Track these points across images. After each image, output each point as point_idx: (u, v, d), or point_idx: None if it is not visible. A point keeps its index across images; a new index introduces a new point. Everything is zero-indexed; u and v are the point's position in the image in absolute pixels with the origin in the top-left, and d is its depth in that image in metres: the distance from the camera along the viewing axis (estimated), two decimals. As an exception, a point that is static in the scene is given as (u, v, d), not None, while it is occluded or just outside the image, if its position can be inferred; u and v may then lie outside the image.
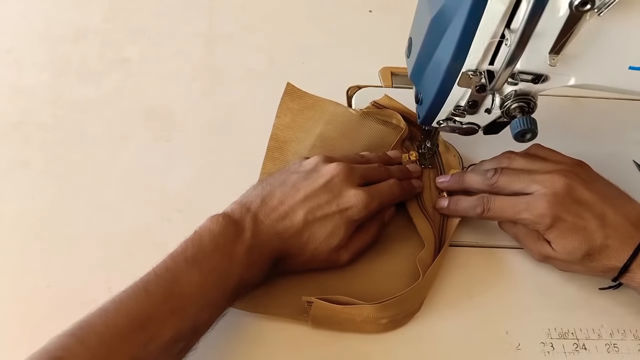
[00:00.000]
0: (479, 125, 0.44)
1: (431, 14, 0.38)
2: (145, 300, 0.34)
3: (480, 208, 0.44)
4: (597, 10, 0.32)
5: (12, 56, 0.59)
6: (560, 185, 0.41)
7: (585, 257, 0.41)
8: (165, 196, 0.49)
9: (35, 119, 0.54)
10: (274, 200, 0.41)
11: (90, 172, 0.50)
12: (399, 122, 0.52)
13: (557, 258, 0.42)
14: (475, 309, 0.44)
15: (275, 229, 0.40)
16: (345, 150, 0.51)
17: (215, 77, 0.59)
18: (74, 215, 0.47)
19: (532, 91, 0.39)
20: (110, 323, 0.33)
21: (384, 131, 0.53)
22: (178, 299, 0.35)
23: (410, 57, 0.44)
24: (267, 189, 0.41)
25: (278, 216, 0.40)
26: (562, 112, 0.58)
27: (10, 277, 0.43)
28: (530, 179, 0.43)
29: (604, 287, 0.45)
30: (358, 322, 0.41)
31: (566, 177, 0.42)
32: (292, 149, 0.51)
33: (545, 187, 0.42)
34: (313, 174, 0.42)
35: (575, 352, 0.42)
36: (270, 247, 0.39)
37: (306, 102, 0.53)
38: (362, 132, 0.52)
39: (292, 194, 0.41)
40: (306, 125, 0.52)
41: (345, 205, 0.41)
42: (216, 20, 0.65)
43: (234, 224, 0.38)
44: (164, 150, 0.52)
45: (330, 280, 0.44)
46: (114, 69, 0.59)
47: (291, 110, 0.53)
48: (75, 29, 0.62)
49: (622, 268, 0.40)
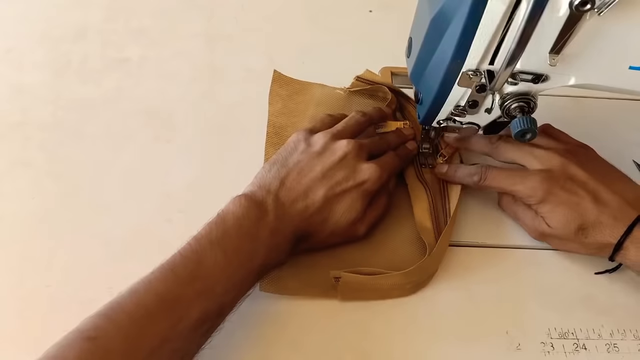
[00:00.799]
0: (479, 125, 0.44)
1: (431, 14, 0.38)
2: (173, 282, 0.35)
3: (477, 176, 0.46)
4: (597, 10, 0.32)
5: (12, 56, 0.59)
6: (556, 163, 0.43)
7: (579, 232, 0.42)
8: (166, 196, 0.49)
9: (35, 119, 0.54)
10: (292, 181, 0.42)
11: (90, 172, 0.50)
12: (386, 94, 0.54)
13: (552, 234, 0.44)
14: (475, 309, 0.44)
15: (297, 208, 0.41)
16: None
17: (215, 77, 0.59)
18: (74, 215, 0.47)
19: (532, 91, 0.39)
20: (140, 303, 0.34)
21: (372, 104, 0.55)
22: (204, 280, 0.36)
23: (410, 57, 0.44)
24: (284, 171, 0.42)
25: (298, 195, 0.41)
26: (562, 112, 0.58)
27: (10, 277, 0.43)
28: (530, 152, 0.45)
29: (600, 271, 0.45)
30: (385, 289, 0.43)
31: (564, 156, 0.44)
32: (289, 133, 0.52)
33: (542, 163, 0.44)
34: (326, 152, 0.44)
35: (575, 352, 0.42)
36: (292, 227, 0.41)
37: (294, 88, 0.56)
38: (352, 108, 0.55)
39: (309, 173, 0.42)
40: (297, 109, 0.54)
41: (361, 179, 0.43)
42: (216, 20, 0.65)
43: (257, 206, 0.39)
44: (164, 150, 0.52)
45: (351, 255, 0.46)
46: (114, 69, 0.59)
47: (281, 97, 0.55)
48: (75, 29, 0.62)
49: (617, 244, 0.41)
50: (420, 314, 0.44)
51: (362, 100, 0.56)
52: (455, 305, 0.44)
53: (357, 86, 0.55)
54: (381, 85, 0.54)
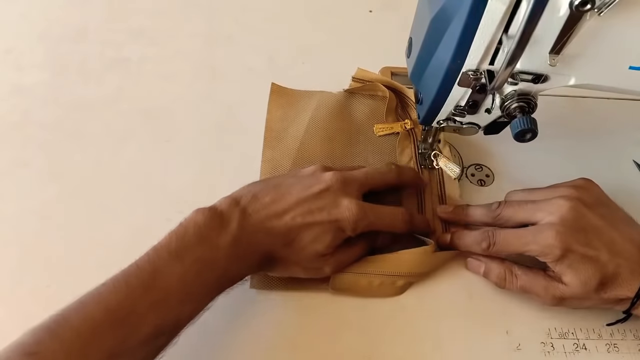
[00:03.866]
0: (479, 125, 0.44)
1: (431, 14, 0.38)
2: (125, 294, 0.33)
3: (485, 242, 0.43)
4: (597, 10, 0.32)
5: (12, 56, 0.59)
6: (566, 210, 0.40)
7: (599, 287, 0.39)
8: (165, 196, 0.49)
9: (35, 119, 0.54)
10: (266, 198, 0.40)
11: (90, 172, 0.50)
12: (384, 93, 0.54)
13: (571, 295, 0.40)
14: (475, 309, 0.44)
15: (263, 224, 0.39)
16: (337, 128, 0.53)
17: (215, 77, 0.59)
18: (74, 215, 0.47)
19: (532, 91, 0.39)
20: (87, 317, 0.32)
21: (372, 104, 0.55)
22: (158, 291, 0.34)
23: (410, 57, 0.44)
24: (260, 187, 0.41)
25: (267, 214, 0.39)
26: (562, 112, 0.58)
27: (10, 277, 0.43)
28: (534, 207, 0.42)
29: (611, 322, 0.43)
30: (375, 286, 0.43)
31: (570, 201, 0.40)
32: (289, 135, 0.52)
33: (551, 213, 0.40)
34: (310, 179, 0.42)
35: (575, 352, 0.42)
36: (257, 241, 0.38)
37: (294, 97, 0.55)
38: (352, 108, 0.55)
39: (286, 196, 0.40)
40: (297, 117, 0.54)
41: (335, 216, 0.40)
42: (216, 20, 0.65)
43: (220, 216, 0.38)
44: (164, 150, 0.52)
45: None
46: (114, 69, 0.59)
47: (281, 105, 0.54)
48: (75, 29, 0.62)
49: (635, 297, 0.39)
50: (421, 314, 0.43)
51: (362, 100, 0.55)
52: (455, 305, 0.44)
53: (355, 87, 0.55)
54: (376, 84, 0.54)
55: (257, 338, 0.41)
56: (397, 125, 0.53)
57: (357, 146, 0.52)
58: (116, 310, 0.32)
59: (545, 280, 0.41)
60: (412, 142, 0.53)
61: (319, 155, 0.50)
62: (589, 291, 0.39)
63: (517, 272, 0.43)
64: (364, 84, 0.55)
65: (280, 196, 0.40)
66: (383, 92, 0.55)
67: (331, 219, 0.40)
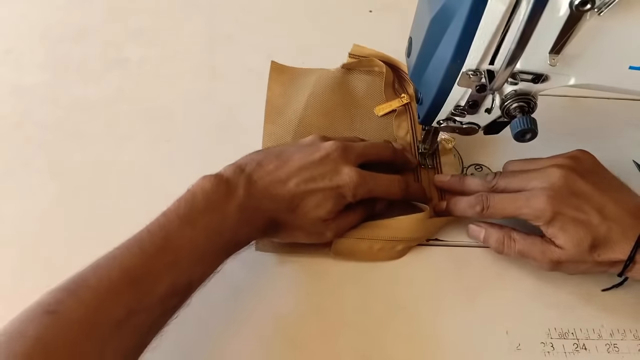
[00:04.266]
0: (479, 125, 0.44)
1: (431, 14, 0.38)
2: (139, 256, 0.34)
3: (479, 206, 0.44)
4: (597, 10, 0.32)
5: (12, 56, 0.59)
6: (557, 177, 0.42)
7: (592, 249, 0.40)
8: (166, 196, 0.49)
9: (35, 119, 0.54)
10: (270, 165, 0.41)
11: (91, 172, 0.50)
12: (381, 68, 0.56)
13: (567, 259, 0.41)
14: (475, 309, 0.44)
15: (268, 190, 0.40)
16: (336, 103, 0.54)
17: (215, 77, 0.59)
18: (74, 215, 0.47)
19: (532, 91, 0.39)
20: (104, 277, 0.33)
21: (369, 80, 0.57)
22: (172, 253, 0.35)
23: (410, 57, 0.44)
24: (263, 155, 0.42)
25: (271, 180, 0.41)
26: (562, 112, 0.58)
27: (10, 277, 0.43)
28: (528, 177, 0.43)
29: (607, 287, 0.45)
30: (376, 250, 0.45)
31: (562, 169, 0.42)
32: (289, 110, 0.54)
33: (543, 181, 0.42)
34: (311, 147, 0.43)
35: (575, 352, 0.42)
36: (263, 207, 0.40)
37: (293, 74, 0.57)
38: (350, 84, 0.56)
39: (288, 163, 0.42)
40: (297, 93, 0.55)
41: (337, 182, 0.41)
42: (216, 20, 0.65)
43: (226, 183, 0.39)
44: (164, 150, 0.52)
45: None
46: (114, 69, 0.59)
47: (281, 82, 0.56)
48: (75, 29, 0.62)
49: (627, 260, 0.40)
50: (420, 314, 0.44)
51: (359, 76, 0.57)
52: (455, 305, 0.44)
53: (352, 63, 0.57)
54: (373, 59, 0.56)
55: (256, 337, 0.41)
56: (396, 101, 0.55)
57: (355, 121, 0.54)
58: (132, 270, 0.34)
59: (542, 245, 0.42)
60: (409, 116, 0.55)
61: (319, 128, 0.52)
62: (583, 252, 0.41)
63: (515, 236, 0.44)
64: (360, 60, 0.57)
65: (283, 163, 0.41)
66: (379, 67, 0.56)
67: (332, 186, 0.41)
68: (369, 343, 0.42)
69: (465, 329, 0.43)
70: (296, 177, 0.41)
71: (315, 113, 0.53)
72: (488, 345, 0.42)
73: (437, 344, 0.42)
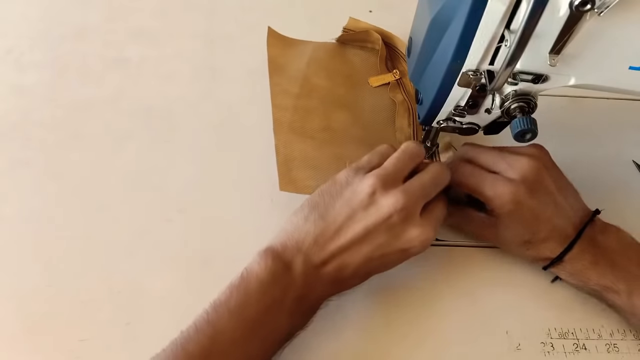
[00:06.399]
0: (479, 125, 0.44)
1: (431, 14, 0.38)
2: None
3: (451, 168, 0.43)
4: (597, 10, 0.32)
5: (12, 56, 0.59)
6: (528, 170, 0.41)
7: (523, 244, 0.43)
8: (165, 196, 0.49)
9: (35, 119, 0.54)
10: (328, 239, 0.37)
11: (90, 172, 0.50)
12: (374, 44, 0.59)
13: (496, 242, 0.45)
14: (475, 309, 0.44)
15: (328, 271, 0.37)
16: (336, 70, 0.57)
17: (215, 77, 0.59)
18: (74, 215, 0.47)
19: (532, 91, 0.39)
20: None
21: (363, 54, 0.60)
22: (218, 357, 0.33)
23: (410, 57, 0.44)
24: (320, 226, 0.37)
25: (331, 254, 0.37)
26: (562, 112, 0.58)
27: (10, 277, 0.43)
28: (500, 156, 0.42)
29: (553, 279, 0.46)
30: None
31: (534, 161, 0.41)
32: (292, 67, 0.56)
33: (514, 168, 0.41)
34: (370, 207, 0.37)
35: (575, 352, 0.42)
36: (322, 294, 0.38)
37: (290, 41, 0.59)
38: (345, 56, 0.59)
39: (348, 231, 0.37)
40: (296, 56, 0.57)
41: (405, 245, 0.38)
42: (216, 20, 0.65)
43: (284, 269, 0.36)
44: (164, 150, 0.52)
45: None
46: (114, 69, 0.59)
47: (279, 46, 0.58)
48: (75, 29, 0.62)
49: (556, 258, 0.42)
50: (420, 314, 0.44)
51: (353, 51, 0.59)
52: (455, 305, 0.44)
53: (346, 36, 0.59)
54: (369, 34, 0.58)
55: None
56: (389, 75, 0.57)
57: (355, 89, 0.56)
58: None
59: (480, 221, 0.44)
60: (401, 90, 0.57)
61: (323, 89, 0.54)
62: (512, 243, 0.44)
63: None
64: (356, 32, 0.59)
65: (343, 233, 0.37)
66: (373, 42, 0.59)
67: (402, 249, 0.39)
68: (370, 343, 0.42)
69: (465, 329, 0.43)
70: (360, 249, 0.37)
71: (317, 75, 0.55)
72: (488, 345, 0.42)
73: (437, 344, 0.42)
